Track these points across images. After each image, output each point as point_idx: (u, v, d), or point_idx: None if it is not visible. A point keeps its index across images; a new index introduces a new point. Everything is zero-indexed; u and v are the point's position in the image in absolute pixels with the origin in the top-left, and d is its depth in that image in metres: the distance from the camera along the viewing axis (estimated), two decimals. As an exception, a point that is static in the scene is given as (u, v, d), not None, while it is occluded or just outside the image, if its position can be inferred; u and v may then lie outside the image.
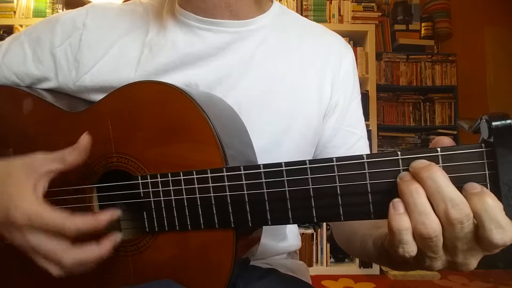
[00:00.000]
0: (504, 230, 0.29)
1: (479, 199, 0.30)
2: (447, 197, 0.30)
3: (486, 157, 0.31)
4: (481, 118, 0.31)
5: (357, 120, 0.62)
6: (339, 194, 0.35)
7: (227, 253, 0.41)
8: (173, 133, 0.44)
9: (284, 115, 0.55)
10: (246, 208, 0.39)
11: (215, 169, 0.40)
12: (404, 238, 0.31)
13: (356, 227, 0.51)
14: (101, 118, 0.47)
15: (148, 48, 0.54)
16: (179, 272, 0.44)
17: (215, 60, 0.54)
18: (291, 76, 0.56)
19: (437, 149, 0.32)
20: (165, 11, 0.57)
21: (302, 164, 0.36)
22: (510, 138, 0.30)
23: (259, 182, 0.38)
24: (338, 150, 0.60)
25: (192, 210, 0.41)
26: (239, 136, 0.49)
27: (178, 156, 0.43)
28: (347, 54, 0.61)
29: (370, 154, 0.34)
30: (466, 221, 0.30)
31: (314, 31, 0.62)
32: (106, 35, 0.55)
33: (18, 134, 0.53)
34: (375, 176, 0.34)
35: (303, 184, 0.36)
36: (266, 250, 0.60)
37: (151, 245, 0.45)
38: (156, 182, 0.43)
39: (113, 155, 0.46)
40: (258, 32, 0.56)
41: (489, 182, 0.32)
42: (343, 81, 0.60)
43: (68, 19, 0.56)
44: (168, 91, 0.44)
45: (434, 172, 0.31)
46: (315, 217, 0.37)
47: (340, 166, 0.35)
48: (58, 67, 0.55)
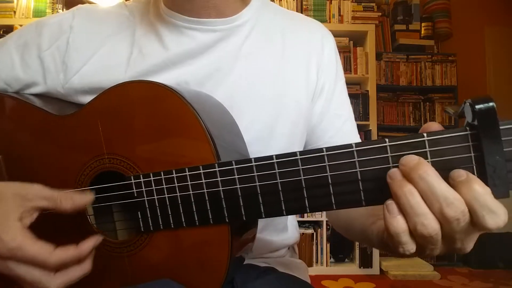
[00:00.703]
0: (496, 215, 0.29)
1: (467, 188, 0.30)
2: (440, 197, 0.30)
3: (471, 139, 0.32)
4: (465, 102, 0.32)
5: (343, 103, 0.64)
6: (330, 183, 0.36)
7: (222, 249, 0.42)
8: (164, 132, 0.44)
9: (274, 103, 0.56)
10: (240, 202, 0.39)
11: (207, 165, 0.40)
12: (403, 239, 0.32)
13: (353, 214, 0.51)
14: (92, 119, 0.47)
15: (138, 49, 0.55)
16: (176, 270, 0.44)
17: (203, 58, 0.55)
18: (277, 65, 0.58)
19: (423, 134, 0.33)
20: (151, 13, 0.58)
21: (292, 156, 0.36)
22: (493, 120, 0.30)
23: (251, 176, 0.38)
24: (327, 133, 0.61)
25: (186, 207, 0.41)
26: (230, 131, 0.49)
27: (170, 154, 0.43)
28: (328, 38, 0.64)
29: (359, 142, 0.35)
30: (462, 217, 0.30)
31: (295, 19, 0.64)
32: (93, 36, 0.56)
33: (7, 140, 0.52)
34: (364, 164, 0.34)
35: (295, 175, 0.37)
36: (264, 246, 0.60)
37: (147, 244, 0.45)
38: (149, 181, 0.43)
39: (105, 156, 0.46)
40: (243, 27, 0.57)
41: (474, 164, 0.32)
42: (327, 65, 0.62)
43: (55, 23, 0.57)
44: (157, 90, 0.44)
45: (424, 171, 0.30)
46: (308, 208, 0.37)
47: (330, 156, 0.35)
48: (46, 71, 0.55)
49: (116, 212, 0.53)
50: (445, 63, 2.94)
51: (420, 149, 0.33)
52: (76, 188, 0.48)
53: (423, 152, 0.33)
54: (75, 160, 0.48)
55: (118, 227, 0.52)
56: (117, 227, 0.53)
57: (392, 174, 0.32)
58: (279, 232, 0.63)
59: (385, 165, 0.34)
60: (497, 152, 0.30)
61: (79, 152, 0.48)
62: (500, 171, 0.31)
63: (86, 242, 0.41)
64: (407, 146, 0.33)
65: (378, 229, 0.41)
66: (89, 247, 0.41)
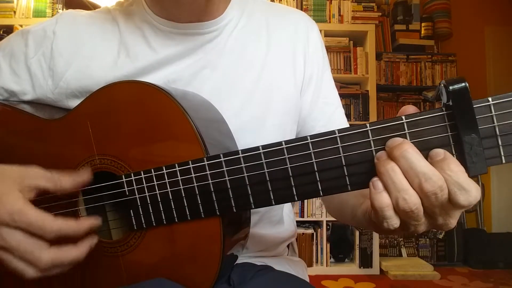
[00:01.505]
0: (467, 192, 0.31)
1: (443, 166, 0.32)
2: (419, 172, 0.32)
3: (448, 119, 0.33)
4: (440, 83, 0.33)
5: (331, 91, 0.65)
6: (316, 170, 0.37)
7: (215, 242, 0.42)
8: (154, 130, 0.44)
9: (262, 96, 0.57)
10: (229, 194, 0.40)
11: (197, 160, 0.41)
12: (387, 214, 0.33)
13: (344, 197, 0.52)
14: (81, 121, 0.48)
15: (125, 52, 0.56)
16: (170, 266, 0.44)
17: (190, 58, 0.56)
18: (263, 58, 0.58)
19: (402, 117, 0.34)
20: (136, 16, 0.58)
21: (278, 145, 0.37)
22: (466, 99, 0.32)
23: (239, 168, 0.39)
24: (318, 122, 0.62)
25: (177, 202, 0.42)
26: (218, 128, 0.50)
27: (160, 152, 0.44)
28: (313, 28, 0.64)
29: (341, 128, 0.36)
30: (439, 192, 0.31)
31: (278, 10, 0.64)
32: (77, 40, 0.56)
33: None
34: (348, 149, 0.36)
35: (281, 164, 0.38)
36: (261, 241, 0.60)
37: (140, 243, 0.45)
38: (140, 179, 0.44)
39: (96, 157, 0.47)
40: (228, 25, 0.58)
41: (452, 143, 0.33)
42: (313, 54, 0.62)
43: (39, 30, 0.57)
44: (145, 90, 0.45)
45: (405, 150, 0.32)
46: (296, 195, 0.38)
47: (314, 143, 0.36)
48: (34, 79, 0.56)
49: (109, 211, 0.53)
50: (445, 63, 2.95)
51: (400, 131, 0.34)
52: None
53: (402, 134, 0.34)
54: (67, 163, 0.48)
55: (112, 226, 0.53)
56: (110, 226, 0.53)
57: (378, 155, 0.34)
58: (274, 224, 0.62)
59: (368, 149, 0.35)
60: (473, 130, 0.32)
61: (70, 154, 0.48)
62: (476, 148, 0.32)
63: (87, 218, 0.42)
64: (387, 129, 0.35)
65: (365, 208, 0.42)
66: (89, 223, 0.41)
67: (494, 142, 0.32)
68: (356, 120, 2.65)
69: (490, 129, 0.32)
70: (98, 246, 0.46)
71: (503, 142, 0.32)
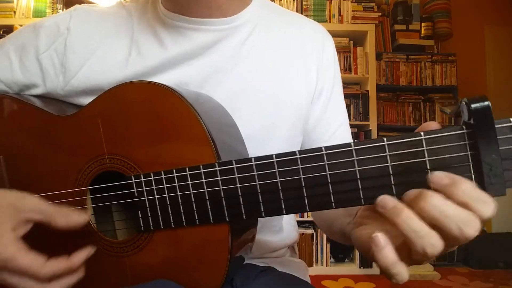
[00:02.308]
0: (488, 204, 0.30)
1: (453, 190, 0.30)
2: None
3: (468, 138, 0.32)
4: (461, 101, 0.32)
5: (340, 106, 0.64)
6: (329, 182, 0.36)
7: (223, 248, 0.42)
8: (165, 132, 0.44)
9: (274, 105, 0.56)
10: (240, 201, 0.39)
11: (208, 165, 0.40)
12: (394, 271, 0.32)
13: (332, 214, 0.51)
14: (92, 120, 0.47)
15: (136, 50, 0.55)
16: (176, 269, 0.44)
17: (203, 59, 0.55)
18: (277, 67, 0.57)
19: (421, 134, 0.33)
20: (149, 13, 0.57)
21: (292, 155, 0.37)
22: (489, 119, 0.31)
23: (251, 175, 0.39)
24: (323, 136, 0.62)
25: (186, 206, 0.42)
26: (230, 132, 0.49)
27: (171, 155, 0.43)
28: (329, 41, 0.63)
29: (357, 141, 0.35)
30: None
31: (296, 20, 0.63)
32: (90, 38, 0.55)
33: (8, 141, 0.53)
34: (363, 163, 0.35)
35: (294, 174, 0.37)
36: (262, 246, 0.60)
37: (146, 244, 0.45)
38: (149, 181, 0.43)
39: (105, 156, 0.46)
40: (243, 27, 0.56)
41: (471, 162, 0.32)
42: (326, 68, 0.61)
43: (52, 25, 0.56)
44: (158, 91, 0.44)
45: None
46: (307, 206, 0.37)
47: (329, 155, 0.36)
48: (45, 74, 0.55)
49: (116, 212, 0.53)
50: (445, 63, 2.94)
51: (418, 148, 0.33)
52: (76, 188, 0.48)
53: (420, 150, 0.33)
54: (76, 160, 0.48)
55: (117, 227, 0.52)
56: (116, 227, 0.53)
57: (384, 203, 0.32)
58: (275, 233, 0.62)
59: (384, 163, 0.34)
60: (493, 150, 0.31)
61: (79, 152, 0.48)
62: (496, 169, 0.31)
63: (78, 254, 0.42)
64: (405, 145, 0.34)
65: (358, 236, 0.39)
66: (81, 259, 0.42)
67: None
68: (356, 120, 2.65)
69: (511, 150, 0.32)
70: (104, 245, 0.47)
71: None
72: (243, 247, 0.47)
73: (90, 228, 0.48)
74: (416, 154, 0.33)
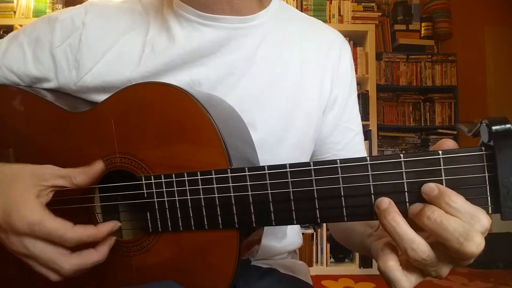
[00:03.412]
0: (479, 221, 0.31)
1: (442, 201, 0.32)
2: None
3: (486, 160, 0.32)
4: (481, 122, 0.32)
5: (355, 116, 0.64)
6: (342, 195, 0.36)
7: (230, 254, 0.42)
8: (177, 134, 0.44)
9: (286, 112, 0.55)
10: (251, 209, 0.39)
11: (220, 170, 0.40)
12: (390, 276, 0.33)
13: (349, 225, 0.51)
14: (105, 118, 0.47)
15: (150, 47, 0.54)
16: (182, 272, 0.44)
17: (216, 58, 0.54)
18: (292, 73, 0.56)
19: (438, 152, 0.33)
20: (165, 6, 0.56)
21: (306, 166, 0.37)
22: (509, 142, 0.31)
23: (263, 183, 0.38)
24: (336, 146, 0.61)
25: (196, 210, 0.41)
26: (241, 137, 0.49)
27: (182, 157, 0.43)
28: (346, 50, 0.62)
29: (373, 156, 0.35)
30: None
31: (314, 26, 0.62)
32: (106, 34, 0.55)
33: (18, 134, 0.52)
34: (377, 178, 0.35)
35: (307, 185, 0.37)
36: (266, 251, 0.60)
37: (154, 245, 0.45)
38: (160, 183, 0.43)
39: (116, 155, 0.46)
40: (259, 29, 0.55)
41: (488, 184, 0.32)
42: (342, 77, 0.60)
43: (67, 18, 0.55)
44: (171, 92, 0.44)
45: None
46: (319, 218, 0.37)
47: (343, 168, 0.36)
48: (58, 68, 0.55)
49: (122, 212, 0.53)
50: (445, 63, 2.95)
51: (435, 166, 0.33)
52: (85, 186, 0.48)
53: (437, 169, 0.33)
54: (86, 158, 0.47)
55: (124, 227, 0.52)
56: (122, 227, 0.53)
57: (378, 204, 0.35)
58: (280, 239, 0.63)
59: (399, 180, 0.34)
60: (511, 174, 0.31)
61: (90, 150, 0.48)
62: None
63: (105, 224, 0.42)
64: (422, 163, 0.34)
65: (378, 246, 0.40)
66: (108, 228, 0.41)
67: None
68: (356, 120, 2.65)
69: None
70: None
71: None
72: (249, 252, 0.47)
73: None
74: (433, 173, 0.33)
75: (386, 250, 0.33)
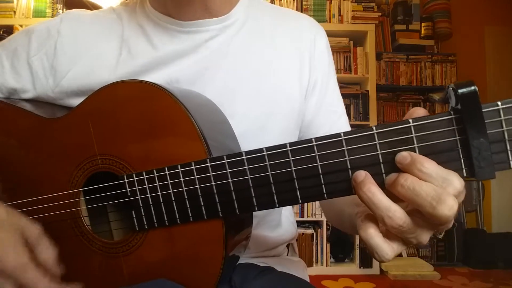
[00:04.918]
0: (451, 184, 0.31)
1: (415, 168, 0.32)
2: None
3: (456, 123, 0.33)
4: (448, 87, 0.33)
5: (336, 98, 0.64)
6: (320, 173, 0.36)
7: (217, 245, 0.42)
8: (156, 130, 0.44)
9: (266, 99, 0.56)
10: (232, 196, 0.39)
11: (199, 161, 0.40)
12: (372, 242, 0.33)
13: (340, 207, 0.51)
14: (82, 121, 0.47)
15: (127, 50, 0.55)
16: (172, 268, 0.44)
17: (193, 57, 0.55)
18: (268, 62, 0.58)
19: (409, 121, 0.33)
20: (138, 14, 0.58)
21: (282, 148, 0.37)
22: (475, 103, 0.31)
23: (242, 169, 0.39)
24: (321, 129, 0.61)
25: (179, 203, 0.42)
26: (221, 129, 0.49)
27: (163, 153, 0.43)
28: (321, 34, 0.63)
29: (347, 131, 0.35)
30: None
31: (286, 14, 0.64)
32: (81, 39, 0.56)
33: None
34: (353, 152, 0.35)
35: (285, 167, 0.37)
36: (261, 242, 0.60)
37: (142, 243, 0.45)
38: (142, 180, 0.43)
39: (97, 157, 0.46)
40: (232, 25, 0.57)
41: (460, 147, 0.33)
42: (319, 60, 0.61)
43: (44, 29, 0.57)
44: (148, 89, 0.44)
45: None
46: (300, 198, 0.38)
47: (319, 146, 0.36)
48: (35, 77, 0.56)
49: (111, 212, 0.53)
50: (445, 63, 2.95)
51: (407, 135, 0.34)
52: (69, 190, 0.48)
53: (409, 137, 0.34)
54: (68, 162, 0.48)
55: (114, 227, 0.52)
56: (112, 227, 0.53)
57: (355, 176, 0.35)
58: (273, 228, 0.62)
59: (373, 152, 0.35)
60: (481, 134, 0.31)
61: (71, 154, 0.48)
62: (484, 153, 0.31)
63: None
64: (394, 133, 0.34)
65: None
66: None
67: (502, 147, 0.32)
68: (356, 120, 2.65)
69: (499, 133, 0.32)
70: (101, 246, 0.47)
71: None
72: (238, 243, 0.47)
73: (85, 229, 0.48)
74: (405, 141, 0.34)
75: (365, 221, 0.34)
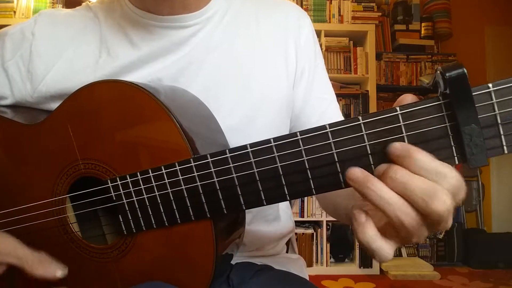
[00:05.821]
0: (445, 178, 0.29)
1: (408, 161, 0.30)
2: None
3: (445, 109, 0.31)
4: (436, 70, 0.31)
5: (325, 85, 0.63)
6: (307, 168, 0.34)
7: (207, 245, 0.41)
8: (137, 131, 0.43)
9: (254, 91, 0.55)
10: (219, 195, 0.38)
11: (183, 161, 0.39)
12: (373, 246, 0.31)
13: (335, 199, 0.50)
14: (61, 125, 0.46)
15: (106, 51, 0.54)
16: (164, 270, 0.44)
17: (175, 54, 0.54)
18: (253, 53, 0.56)
19: (396, 109, 0.32)
20: (117, 12, 0.56)
21: (266, 143, 0.35)
22: (465, 87, 0.29)
23: (227, 168, 0.37)
24: (311, 118, 0.60)
25: (166, 206, 0.41)
26: (207, 125, 0.48)
27: (145, 154, 0.42)
28: (304, 19, 0.62)
29: (332, 123, 0.33)
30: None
31: (269, 3, 0.62)
32: (56, 42, 0.54)
33: None
34: (340, 145, 0.33)
35: (271, 163, 0.36)
36: (257, 238, 0.59)
37: (132, 247, 0.44)
38: (126, 183, 0.42)
39: (79, 162, 0.45)
40: (213, 18, 0.56)
41: (451, 133, 0.31)
42: (305, 47, 0.60)
43: (17, 32, 0.55)
44: (124, 89, 0.43)
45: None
46: (288, 195, 0.36)
47: (304, 140, 0.34)
48: (12, 82, 0.54)
49: (102, 216, 0.52)
50: (445, 63, 2.94)
51: (395, 124, 0.32)
52: (54, 197, 0.47)
53: (397, 126, 0.32)
54: (51, 169, 0.46)
55: (107, 231, 0.51)
56: (105, 231, 0.52)
57: (352, 176, 0.32)
58: (270, 222, 0.61)
59: (361, 143, 0.33)
60: (472, 119, 0.29)
61: (53, 160, 0.46)
62: (476, 139, 0.30)
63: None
64: (381, 122, 0.32)
65: None
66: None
67: (495, 132, 0.30)
68: (356, 120, 2.65)
69: (491, 117, 0.30)
70: (91, 252, 0.46)
71: (505, 131, 0.30)
72: (229, 241, 0.46)
73: (74, 236, 0.47)
74: (393, 131, 0.32)
75: (360, 219, 0.31)
